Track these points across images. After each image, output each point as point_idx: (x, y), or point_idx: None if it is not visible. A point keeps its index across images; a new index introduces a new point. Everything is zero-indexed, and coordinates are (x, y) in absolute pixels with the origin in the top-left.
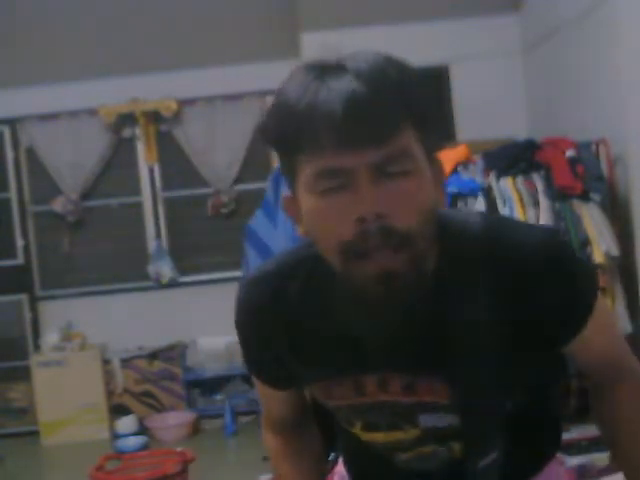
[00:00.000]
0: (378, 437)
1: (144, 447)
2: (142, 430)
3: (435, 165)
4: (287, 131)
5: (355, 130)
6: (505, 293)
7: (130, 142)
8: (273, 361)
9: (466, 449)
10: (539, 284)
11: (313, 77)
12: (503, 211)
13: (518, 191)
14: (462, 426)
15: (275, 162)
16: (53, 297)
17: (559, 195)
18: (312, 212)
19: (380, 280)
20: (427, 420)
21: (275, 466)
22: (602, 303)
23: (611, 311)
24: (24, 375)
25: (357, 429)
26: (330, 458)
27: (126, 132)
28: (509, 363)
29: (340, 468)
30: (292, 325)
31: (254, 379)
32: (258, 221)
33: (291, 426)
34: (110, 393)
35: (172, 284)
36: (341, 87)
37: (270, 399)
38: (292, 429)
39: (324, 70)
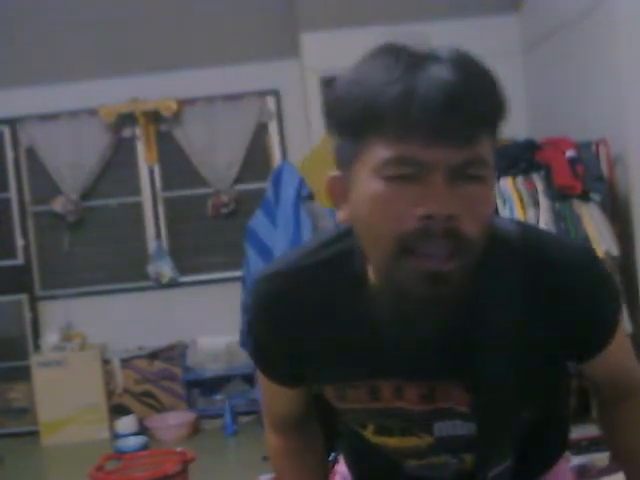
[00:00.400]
0: (390, 441)
1: (144, 447)
2: (142, 430)
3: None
4: (371, 109)
5: (448, 125)
6: (536, 306)
7: (130, 142)
8: (284, 359)
9: (479, 458)
10: (571, 301)
11: (408, 61)
12: (503, 211)
13: (518, 191)
14: (478, 434)
15: (275, 162)
16: (53, 297)
17: (559, 195)
18: (373, 196)
19: (428, 280)
20: (442, 428)
21: (276, 466)
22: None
23: (624, 326)
24: (24, 375)
25: (369, 432)
26: (330, 458)
27: (126, 132)
28: (531, 373)
29: (342, 468)
30: (310, 324)
31: (259, 374)
32: (258, 221)
33: (294, 425)
34: (110, 393)
35: (172, 284)
36: (441, 77)
37: (274, 396)
38: (295, 428)
39: (418, 56)
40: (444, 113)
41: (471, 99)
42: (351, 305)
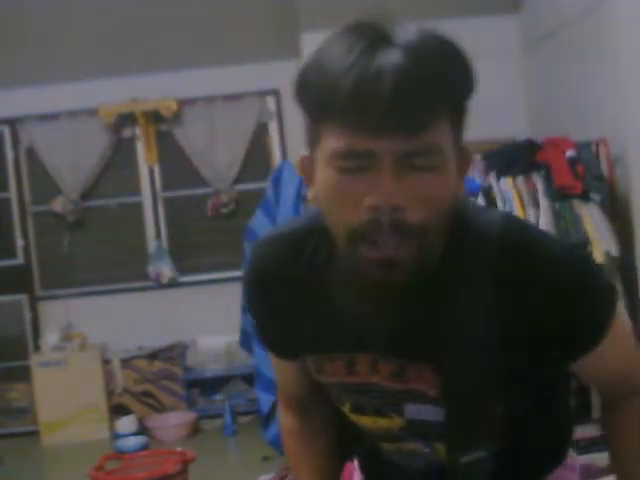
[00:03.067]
0: (366, 421)
1: (144, 447)
2: (142, 430)
3: (462, 155)
4: (324, 99)
5: (395, 114)
6: (510, 299)
7: (130, 142)
8: (273, 326)
9: (448, 443)
10: (551, 298)
11: (363, 48)
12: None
13: (518, 191)
14: (446, 418)
15: (275, 162)
16: (53, 297)
17: (559, 195)
18: (327, 186)
19: (380, 266)
20: (412, 411)
21: (286, 445)
22: (618, 318)
23: (625, 324)
24: (24, 375)
25: (346, 409)
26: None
27: (126, 132)
28: (507, 369)
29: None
30: (295, 293)
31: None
32: (258, 221)
33: (303, 405)
34: (110, 393)
35: (172, 284)
36: (391, 64)
37: (281, 372)
38: (305, 409)
39: (374, 42)
40: (391, 102)
41: (419, 87)
42: (329, 279)
